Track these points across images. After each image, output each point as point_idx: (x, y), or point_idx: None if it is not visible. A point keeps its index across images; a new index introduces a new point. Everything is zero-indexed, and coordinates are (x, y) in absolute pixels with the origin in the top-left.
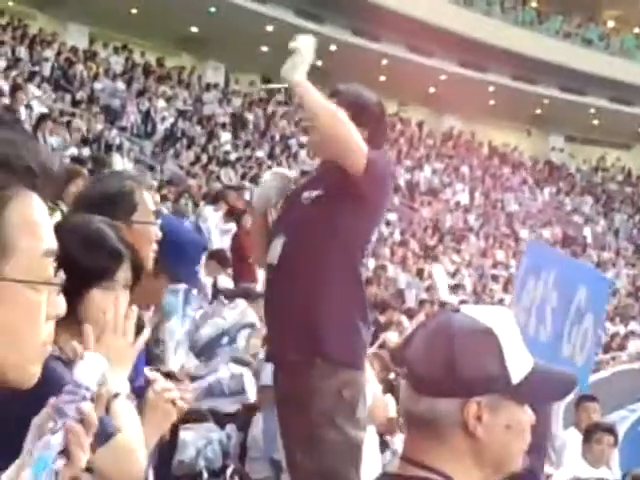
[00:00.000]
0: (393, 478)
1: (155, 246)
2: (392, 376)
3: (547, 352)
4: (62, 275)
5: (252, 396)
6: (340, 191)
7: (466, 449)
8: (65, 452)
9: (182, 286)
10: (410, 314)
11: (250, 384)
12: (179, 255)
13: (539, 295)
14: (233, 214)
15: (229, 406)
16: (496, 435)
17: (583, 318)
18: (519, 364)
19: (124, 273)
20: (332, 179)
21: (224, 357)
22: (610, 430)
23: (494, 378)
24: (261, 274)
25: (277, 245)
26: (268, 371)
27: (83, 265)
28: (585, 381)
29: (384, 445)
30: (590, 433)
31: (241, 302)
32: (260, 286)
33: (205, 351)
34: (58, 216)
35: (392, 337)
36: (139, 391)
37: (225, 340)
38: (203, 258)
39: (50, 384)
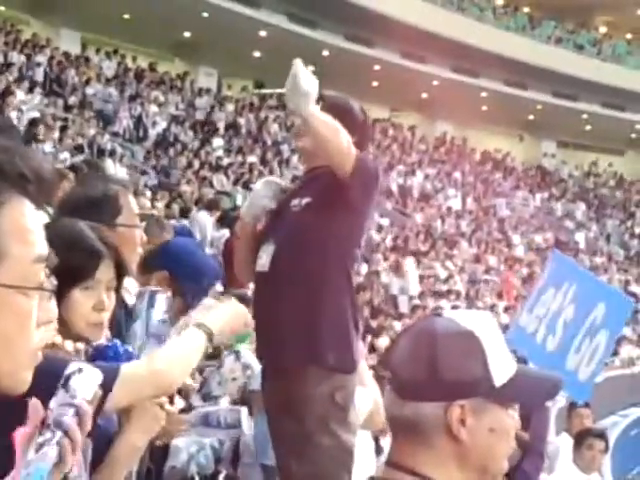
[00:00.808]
0: None
1: (140, 249)
2: None
3: (551, 361)
4: (53, 281)
5: (247, 431)
6: (329, 197)
7: (451, 453)
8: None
9: (149, 288)
10: (403, 320)
11: (246, 420)
12: (195, 284)
13: (555, 306)
14: (225, 220)
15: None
16: (480, 438)
17: (597, 332)
18: (502, 367)
19: (105, 273)
20: (321, 186)
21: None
22: (601, 436)
23: (477, 381)
24: None
25: (267, 252)
26: (258, 376)
27: (61, 264)
28: (586, 394)
29: (379, 449)
30: (581, 439)
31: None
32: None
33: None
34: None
35: (383, 342)
36: None
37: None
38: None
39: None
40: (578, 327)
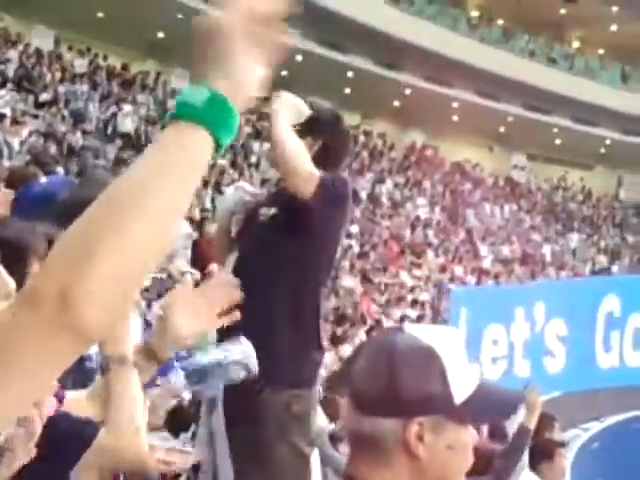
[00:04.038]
0: None
1: None
2: None
3: (573, 377)
4: None
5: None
6: (291, 215)
7: (408, 469)
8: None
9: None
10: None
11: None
12: None
13: (526, 333)
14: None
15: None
16: (438, 455)
17: (625, 321)
18: (463, 384)
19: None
20: (287, 198)
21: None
22: (566, 445)
23: (436, 398)
24: None
25: (231, 260)
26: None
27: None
28: None
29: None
30: (552, 449)
31: (244, 340)
32: None
33: (196, 375)
34: None
35: (348, 350)
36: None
37: (218, 372)
38: None
39: None
40: (589, 330)
